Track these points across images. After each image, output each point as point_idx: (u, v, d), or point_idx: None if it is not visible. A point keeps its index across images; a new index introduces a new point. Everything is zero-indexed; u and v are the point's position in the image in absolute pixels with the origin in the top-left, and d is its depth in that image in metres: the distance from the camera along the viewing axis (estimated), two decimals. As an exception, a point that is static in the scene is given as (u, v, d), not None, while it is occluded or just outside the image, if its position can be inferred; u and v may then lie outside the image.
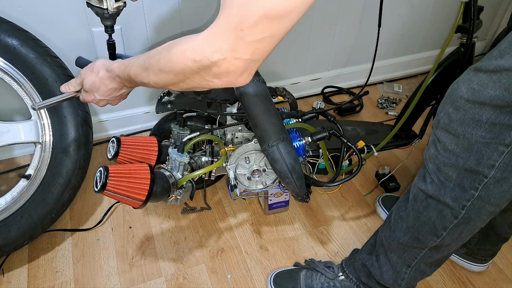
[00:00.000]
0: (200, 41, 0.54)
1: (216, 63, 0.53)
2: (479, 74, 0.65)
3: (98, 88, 0.81)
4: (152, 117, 1.50)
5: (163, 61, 0.61)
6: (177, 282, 1.07)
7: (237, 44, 0.51)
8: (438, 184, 0.74)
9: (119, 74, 0.75)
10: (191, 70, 0.56)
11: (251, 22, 0.48)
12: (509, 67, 0.60)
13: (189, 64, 0.56)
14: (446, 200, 0.73)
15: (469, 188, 0.70)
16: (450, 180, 0.72)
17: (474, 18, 1.00)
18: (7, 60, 1.03)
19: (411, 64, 1.86)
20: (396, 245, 0.87)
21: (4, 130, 1.08)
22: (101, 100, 0.83)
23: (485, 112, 0.64)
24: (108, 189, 0.78)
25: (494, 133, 0.64)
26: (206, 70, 0.55)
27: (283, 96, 1.09)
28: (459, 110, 0.68)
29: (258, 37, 0.50)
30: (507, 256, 1.16)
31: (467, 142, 0.67)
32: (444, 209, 0.75)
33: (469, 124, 0.66)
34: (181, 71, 0.58)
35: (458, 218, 0.74)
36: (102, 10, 0.87)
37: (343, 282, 0.99)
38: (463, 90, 0.67)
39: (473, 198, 0.70)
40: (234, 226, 1.22)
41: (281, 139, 0.86)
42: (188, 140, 0.95)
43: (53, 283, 1.06)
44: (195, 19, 1.32)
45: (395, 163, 1.41)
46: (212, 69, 0.54)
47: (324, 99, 1.72)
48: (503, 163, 0.65)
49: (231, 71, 0.54)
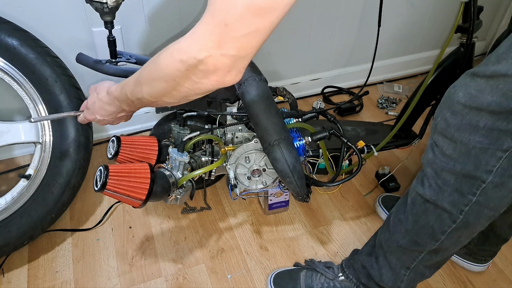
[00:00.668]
0: (186, 41, 0.53)
1: (202, 61, 0.52)
2: (477, 79, 0.64)
3: (98, 109, 0.81)
4: (152, 117, 1.50)
5: (154, 69, 0.60)
6: (177, 282, 1.07)
7: (222, 40, 0.50)
8: (436, 188, 0.74)
9: (117, 96, 0.74)
10: (180, 74, 0.55)
11: (235, 16, 0.48)
12: (506, 73, 0.59)
13: (177, 66, 0.55)
14: (444, 205, 0.73)
15: (467, 193, 0.70)
16: (448, 185, 0.72)
17: (474, 18, 1.00)
18: (7, 60, 1.03)
19: (411, 64, 1.86)
20: (395, 248, 0.87)
21: (4, 130, 1.08)
22: (101, 120, 0.83)
23: (483, 118, 0.64)
24: (108, 188, 0.78)
25: (491, 139, 0.64)
26: (193, 69, 0.54)
27: (283, 96, 1.09)
28: (456, 115, 0.67)
29: (243, 32, 0.49)
30: (507, 256, 1.16)
31: (465, 148, 0.67)
32: (442, 214, 0.75)
33: (466, 129, 0.66)
34: (170, 75, 0.57)
35: (456, 222, 0.73)
36: (102, 4, 0.87)
37: (343, 282, 0.99)
38: (460, 95, 0.66)
39: (471, 203, 0.70)
40: (234, 226, 1.21)
41: (282, 138, 0.86)
42: (188, 139, 0.95)
43: (53, 283, 1.06)
44: (195, 19, 1.32)
45: (395, 163, 1.40)
46: (199, 67, 0.53)
47: (324, 99, 1.72)
48: (501, 168, 0.65)
49: (218, 69, 0.53)
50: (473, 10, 0.99)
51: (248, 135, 1.01)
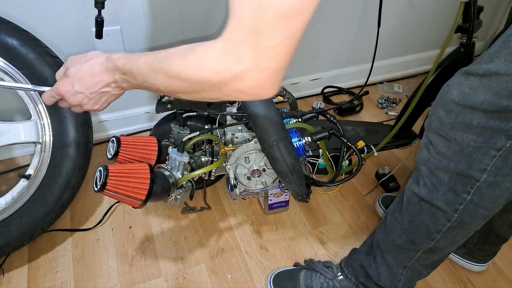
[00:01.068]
0: (218, 50, 0.49)
1: (238, 76, 0.48)
2: (470, 78, 0.64)
3: (82, 76, 0.68)
4: (152, 117, 1.50)
5: (177, 67, 0.54)
6: (177, 282, 1.07)
7: (258, 52, 0.46)
8: (431, 187, 0.74)
9: (119, 66, 0.64)
10: (210, 84, 0.51)
11: (267, 23, 0.45)
12: (498, 72, 0.59)
13: (208, 76, 0.50)
14: (438, 203, 0.73)
15: (461, 192, 0.70)
16: (442, 183, 0.72)
17: (474, 18, 1.00)
18: (7, 60, 1.03)
19: (411, 64, 1.86)
20: (391, 247, 0.87)
21: (4, 130, 1.08)
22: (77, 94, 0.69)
23: (476, 116, 0.64)
24: (108, 188, 0.78)
25: (485, 137, 0.64)
26: (226, 84, 0.49)
27: (283, 96, 1.09)
28: (450, 114, 0.67)
29: (277, 40, 0.46)
30: (507, 256, 1.16)
31: (458, 146, 0.67)
32: (437, 213, 0.75)
33: (460, 127, 0.66)
34: (197, 81, 0.52)
35: (451, 221, 0.74)
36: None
37: (342, 282, 0.99)
38: (454, 94, 0.66)
39: (465, 201, 0.70)
40: (234, 226, 1.21)
41: (281, 138, 0.86)
42: (188, 139, 0.95)
43: (53, 283, 1.06)
44: (196, 18, 1.32)
45: (395, 163, 1.40)
46: (234, 84, 0.49)
47: (324, 99, 1.72)
48: (495, 167, 0.65)
49: (256, 85, 0.49)
50: (473, 10, 0.99)
51: (248, 135, 1.01)
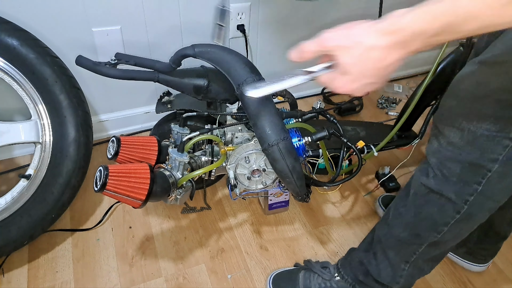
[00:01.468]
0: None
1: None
2: (482, 67, 0.64)
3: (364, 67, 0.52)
4: (152, 117, 1.50)
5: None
6: (177, 282, 1.07)
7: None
8: (441, 178, 0.73)
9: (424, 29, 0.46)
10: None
11: None
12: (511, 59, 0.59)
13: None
14: (449, 194, 0.73)
15: (472, 182, 0.69)
16: (453, 174, 0.71)
17: (474, 18, 1.00)
18: (7, 60, 1.03)
19: (411, 64, 1.86)
20: (394, 242, 0.86)
21: (4, 130, 1.08)
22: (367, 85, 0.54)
23: (490, 106, 0.63)
24: (108, 188, 0.78)
25: (499, 127, 0.63)
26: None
27: (283, 96, 1.09)
28: (463, 104, 0.67)
29: None
30: (507, 256, 1.16)
31: (472, 136, 0.67)
32: (446, 204, 0.74)
33: (474, 117, 0.66)
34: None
35: (461, 213, 0.73)
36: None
37: (339, 283, 0.99)
38: (467, 83, 0.66)
39: (476, 192, 0.70)
40: (234, 226, 1.21)
41: (281, 138, 0.86)
42: (188, 139, 0.95)
43: (53, 283, 1.06)
44: (196, 18, 1.32)
45: (395, 163, 1.40)
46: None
47: (324, 99, 1.72)
48: (506, 157, 0.65)
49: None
50: (473, 10, 0.99)
51: (248, 135, 1.00)
